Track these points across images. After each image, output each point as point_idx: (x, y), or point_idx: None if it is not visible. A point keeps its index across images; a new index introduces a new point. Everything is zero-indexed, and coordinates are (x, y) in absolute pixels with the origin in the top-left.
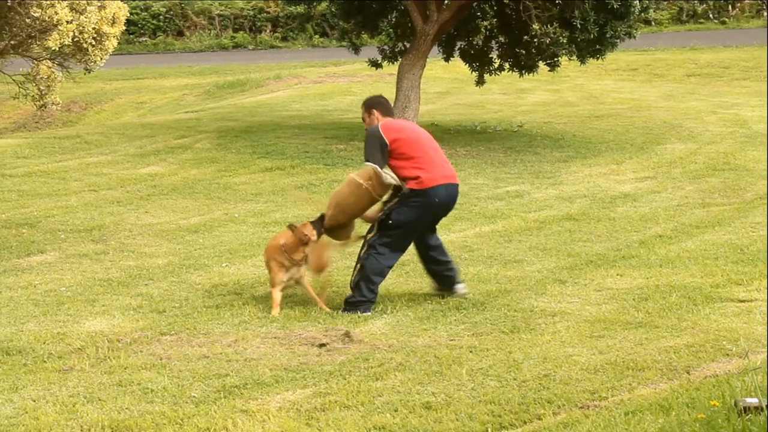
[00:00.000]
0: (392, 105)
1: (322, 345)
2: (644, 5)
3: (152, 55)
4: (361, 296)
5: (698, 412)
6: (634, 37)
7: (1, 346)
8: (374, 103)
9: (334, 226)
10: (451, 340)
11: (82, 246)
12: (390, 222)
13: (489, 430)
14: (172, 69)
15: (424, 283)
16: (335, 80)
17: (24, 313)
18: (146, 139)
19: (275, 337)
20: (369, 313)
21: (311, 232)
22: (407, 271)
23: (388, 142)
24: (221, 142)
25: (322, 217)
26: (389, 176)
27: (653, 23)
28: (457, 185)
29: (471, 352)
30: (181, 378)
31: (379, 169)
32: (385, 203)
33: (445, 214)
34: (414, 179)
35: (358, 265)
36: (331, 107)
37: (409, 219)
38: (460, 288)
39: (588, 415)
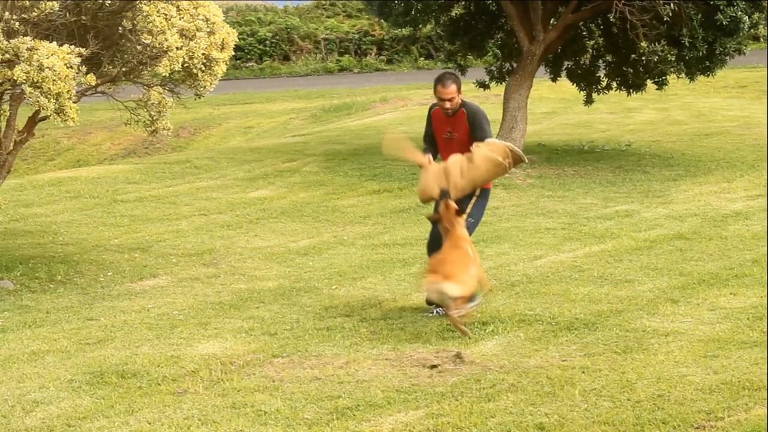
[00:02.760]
0: (499, 126)
1: (433, 366)
2: (753, 21)
3: (259, 80)
4: None
5: None
6: (744, 54)
7: (117, 369)
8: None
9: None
10: (563, 360)
11: (194, 270)
12: (475, 221)
13: None
14: (278, 93)
15: (534, 303)
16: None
17: (138, 336)
18: (254, 163)
19: (386, 359)
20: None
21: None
22: (517, 292)
23: None
24: (329, 165)
25: (445, 193)
26: (518, 150)
27: (762, 39)
28: None
29: (583, 372)
30: (294, 400)
31: (512, 146)
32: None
33: None
34: None
35: None
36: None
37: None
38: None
39: None
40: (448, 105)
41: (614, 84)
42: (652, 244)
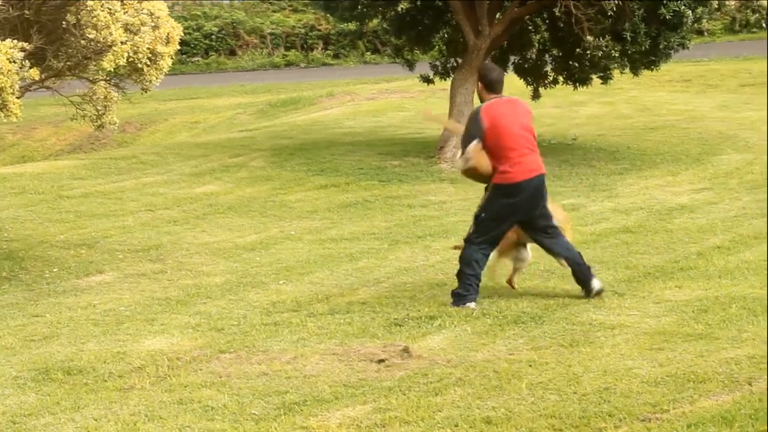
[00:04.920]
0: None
1: (380, 361)
2: (697, 15)
3: (205, 74)
4: (463, 288)
5: (762, 424)
6: (687, 48)
7: (63, 365)
8: (482, 77)
9: None
10: (510, 354)
11: (140, 265)
12: (482, 215)
13: None
14: (225, 88)
15: (481, 297)
16: (388, 96)
17: (84, 332)
18: (201, 159)
19: (334, 354)
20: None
21: None
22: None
23: None
24: (276, 160)
25: None
26: (461, 160)
27: (706, 33)
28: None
29: (530, 366)
30: (241, 395)
31: (459, 155)
32: None
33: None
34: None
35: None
36: (385, 123)
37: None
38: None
39: (650, 428)
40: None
41: (561, 78)
42: (599, 238)
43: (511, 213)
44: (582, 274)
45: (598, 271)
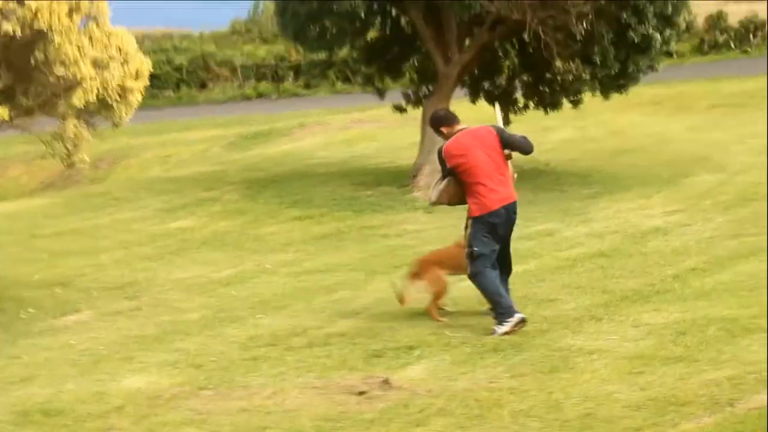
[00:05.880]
0: (419, 148)
1: (361, 393)
2: (665, 38)
3: (176, 108)
4: (501, 307)
5: None
6: (657, 70)
7: (42, 407)
8: (438, 120)
9: None
10: (491, 382)
11: (116, 303)
12: (475, 250)
13: None
14: (196, 121)
15: (459, 326)
16: (360, 126)
17: (62, 373)
18: (174, 194)
19: (314, 387)
20: (519, 316)
21: None
22: (442, 315)
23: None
24: (249, 193)
25: None
26: (433, 191)
27: (675, 55)
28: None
29: (511, 393)
30: None
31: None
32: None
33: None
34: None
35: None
36: (358, 153)
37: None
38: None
39: None
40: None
41: (531, 103)
42: (574, 263)
43: (494, 233)
44: None
45: (575, 296)
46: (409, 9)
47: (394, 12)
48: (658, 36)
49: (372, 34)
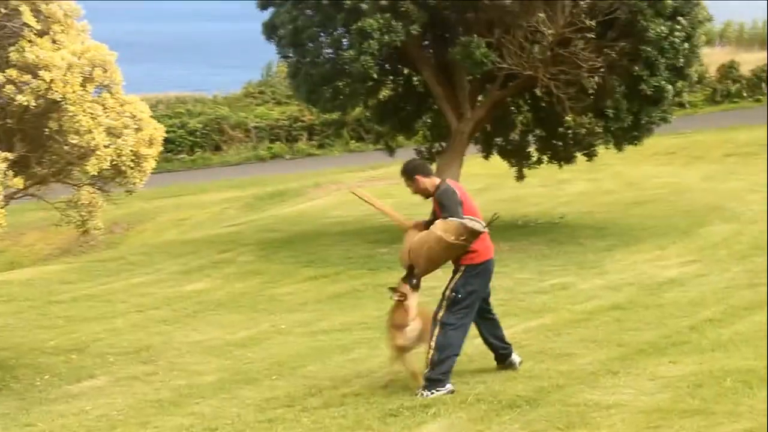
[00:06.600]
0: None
1: None
2: (677, 89)
3: (191, 171)
4: (441, 373)
5: None
6: (670, 122)
7: None
8: (414, 169)
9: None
10: None
11: (132, 368)
12: (459, 296)
13: None
14: (211, 184)
15: (475, 382)
16: (374, 184)
17: None
18: (189, 256)
19: None
20: (450, 387)
21: (405, 290)
22: (457, 372)
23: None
24: (264, 254)
25: (411, 271)
26: (476, 222)
27: (687, 106)
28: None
29: None
30: None
31: (468, 222)
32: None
33: None
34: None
35: (433, 344)
36: (372, 211)
37: (475, 288)
38: (516, 359)
39: None
40: (412, 192)
41: (545, 158)
42: (590, 316)
43: (481, 289)
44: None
45: (591, 350)
46: (421, 68)
47: (406, 71)
48: (670, 87)
49: (385, 93)
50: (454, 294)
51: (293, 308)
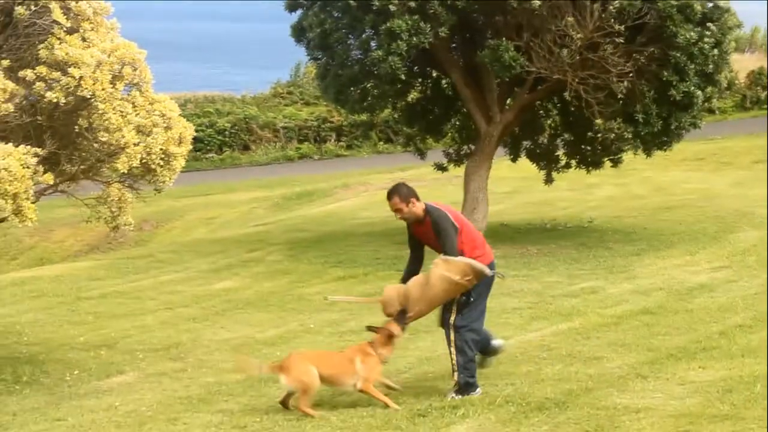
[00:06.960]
0: (461, 207)
1: None
2: (707, 95)
3: (219, 170)
4: (470, 375)
5: None
6: (699, 127)
7: None
8: (410, 192)
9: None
10: None
11: (161, 364)
12: (470, 299)
13: None
14: (240, 183)
15: (504, 384)
16: None
17: None
18: (218, 255)
19: None
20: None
21: (397, 329)
22: (486, 374)
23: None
24: (293, 253)
25: (403, 313)
26: (481, 265)
27: (717, 112)
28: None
29: None
30: None
31: (474, 263)
32: None
33: None
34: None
35: (453, 349)
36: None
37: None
38: (497, 343)
39: None
40: (398, 216)
41: (573, 162)
42: (619, 320)
43: (487, 289)
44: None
45: (620, 354)
46: (450, 71)
47: (434, 74)
48: (699, 93)
49: (413, 95)
50: (465, 297)
51: (322, 308)
